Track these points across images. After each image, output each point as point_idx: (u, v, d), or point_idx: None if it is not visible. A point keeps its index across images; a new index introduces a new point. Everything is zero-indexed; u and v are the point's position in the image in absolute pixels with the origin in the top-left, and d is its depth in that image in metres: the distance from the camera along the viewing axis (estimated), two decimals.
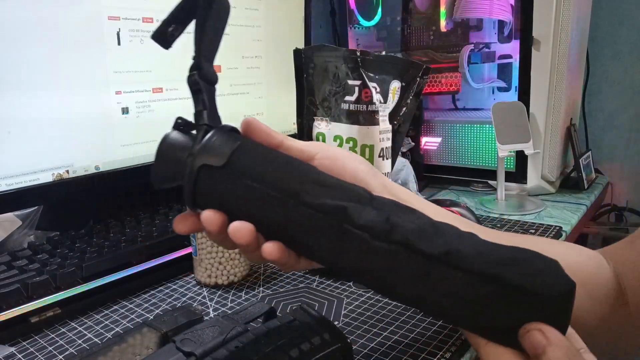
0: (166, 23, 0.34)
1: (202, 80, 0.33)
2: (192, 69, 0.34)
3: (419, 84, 0.58)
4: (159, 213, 0.70)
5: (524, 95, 0.88)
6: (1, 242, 0.65)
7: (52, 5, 0.59)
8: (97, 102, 0.65)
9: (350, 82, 0.55)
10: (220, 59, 0.79)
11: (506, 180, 0.88)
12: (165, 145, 0.32)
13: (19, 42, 0.57)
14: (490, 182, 0.99)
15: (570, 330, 0.29)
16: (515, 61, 0.95)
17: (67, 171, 0.63)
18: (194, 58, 0.34)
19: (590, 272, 0.42)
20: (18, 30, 0.57)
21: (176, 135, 0.33)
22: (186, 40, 0.35)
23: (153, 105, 0.71)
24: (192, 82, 0.33)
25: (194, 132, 0.33)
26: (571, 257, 0.42)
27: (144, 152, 0.71)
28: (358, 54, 0.54)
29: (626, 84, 1.26)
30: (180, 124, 0.33)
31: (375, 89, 0.55)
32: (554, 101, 0.89)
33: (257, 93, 0.87)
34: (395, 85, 0.57)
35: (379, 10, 1.10)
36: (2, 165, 0.58)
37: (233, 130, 0.34)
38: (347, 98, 0.55)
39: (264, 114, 0.89)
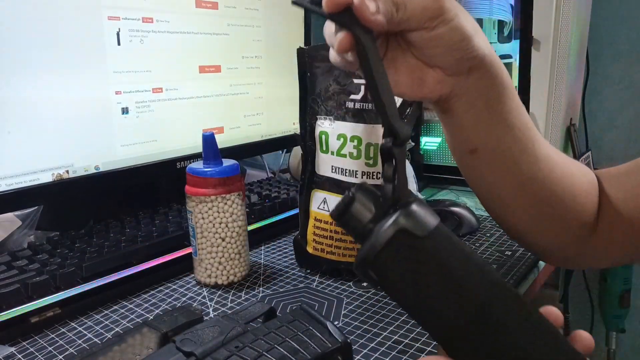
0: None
1: (397, 147, 0.29)
2: (385, 134, 0.29)
3: None
4: (159, 213, 0.70)
5: (524, 95, 0.88)
6: (1, 242, 0.65)
7: (52, 5, 0.59)
8: (97, 102, 0.65)
9: (356, 80, 0.55)
10: (220, 59, 0.80)
11: None
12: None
13: (19, 42, 0.57)
14: None
15: None
16: (515, 61, 0.94)
17: (67, 171, 0.63)
18: (383, 124, 0.29)
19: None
20: (18, 31, 0.57)
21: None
22: (185, 40, 0.34)
23: (153, 105, 0.71)
24: (385, 150, 0.29)
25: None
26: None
27: (143, 152, 0.71)
28: None
29: (626, 84, 1.26)
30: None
31: None
32: (554, 101, 0.89)
33: (257, 93, 0.87)
34: None
35: None
36: (2, 165, 0.58)
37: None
38: (353, 97, 0.55)
39: (264, 114, 0.89)
